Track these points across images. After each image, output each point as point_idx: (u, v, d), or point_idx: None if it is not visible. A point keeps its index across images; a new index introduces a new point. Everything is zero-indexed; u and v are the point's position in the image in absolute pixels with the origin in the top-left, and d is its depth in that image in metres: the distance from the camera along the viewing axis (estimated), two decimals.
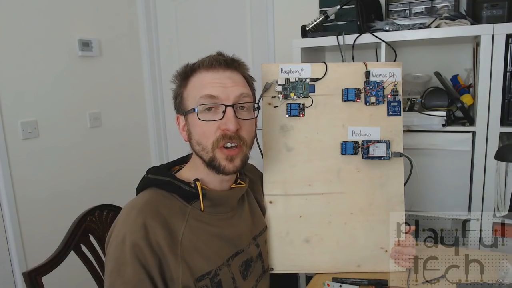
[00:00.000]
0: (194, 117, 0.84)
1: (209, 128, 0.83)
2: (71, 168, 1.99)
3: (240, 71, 0.88)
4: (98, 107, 2.12)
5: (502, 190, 1.06)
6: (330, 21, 1.59)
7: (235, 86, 0.84)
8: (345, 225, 1.02)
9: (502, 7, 1.35)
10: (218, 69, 0.84)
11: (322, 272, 1.03)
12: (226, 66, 0.85)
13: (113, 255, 0.76)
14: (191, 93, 0.85)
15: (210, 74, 0.84)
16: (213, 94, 0.82)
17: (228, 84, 0.84)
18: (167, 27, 2.39)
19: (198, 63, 0.86)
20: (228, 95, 0.83)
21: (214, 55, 0.87)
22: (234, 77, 0.86)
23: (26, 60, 1.77)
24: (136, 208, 0.79)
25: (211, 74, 0.84)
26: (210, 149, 0.83)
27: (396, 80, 1.02)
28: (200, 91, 0.83)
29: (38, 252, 1.77)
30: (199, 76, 0.85)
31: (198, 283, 0.80)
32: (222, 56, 0.87)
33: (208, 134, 0.83)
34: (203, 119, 0.82)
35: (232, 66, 0.86)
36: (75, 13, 1.98)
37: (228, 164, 0.83)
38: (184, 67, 0.88)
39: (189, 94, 0.86)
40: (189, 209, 0.84)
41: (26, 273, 0.89)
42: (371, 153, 1.00)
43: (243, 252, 0.91)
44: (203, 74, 0.85)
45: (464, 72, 1.62)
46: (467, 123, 1.41)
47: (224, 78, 0.84)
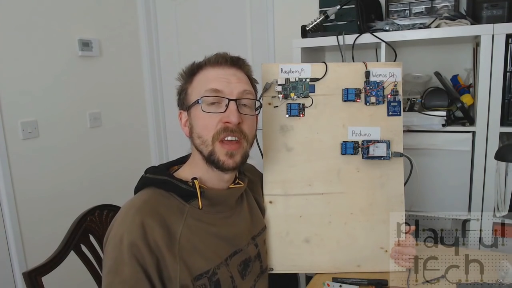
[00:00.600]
0: (197, 110, 0.85)
1: (211, 121, 0.83)
2: (71, 168, 1.99)
3: (244, 70, 0.90)
4: (98, 107, 2.12)
5: (502, 190, 1.06)
6: (330, 21, 1.59)
7: (239, 82, 0.86)
8: (345, 225, 1.02)
9: (502, 7, 1.35)
10: (224, 66, 0.87)
11: (322, 272, 1.02)
12: (232, 64, 0.88)
13: (111, 254, 0.76)
14: (196, 88, 0.87)
15: (216, 70, 0.86)
16: (218, 88, 0.84)
17: (233, 80, 0.86)
18: (167, 27, 2.39)
19: (205, 60, 0.89)
20: (232, 90, 0.84)
21: (220, 53, 0.89)
22: (239, 74, 0.88)
23: (26, 60, 1.77)
24: (134, 208, 0.79)
25: (217, 70, 0.86)
26: (210, 142, 0.83)
27: (396, 80, 1.02)
28: (205, 85, 0.85)
29: (38, 252, 1.76)
30: (205, 73, 0.87)
31: (196, 282, 0.80)
32: (228, 54, 0.89)
33: (209, 126, 0.83)
34: (206, 110, 0.83)
35: (237, 64, 0.89)
36: (75, 13, 1.98)
37: (228, 159, 0.83)
38: (190, 65, 0.90)
39: (194, 90, 0.87)
40: (187, 208, 0.84)
41: (26, 273, 0.89)
42: (371, 153, 1.00)
43: (241, 252, 0.91)
44: (208, 70, 0.87)
45: (464, 72, 1.62)
46: (467, 123, 1.41)
47: (229, 75, 0.86)
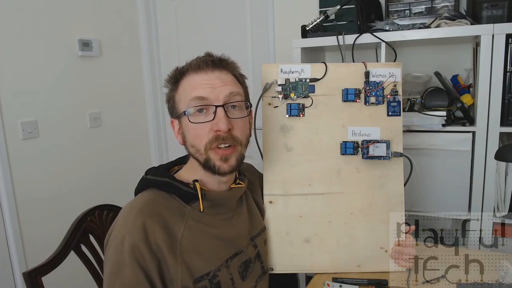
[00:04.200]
0: (186, 120, 0.84)
1: (202, 130, 0.82)
2: (71, 168, 1.99)
3: (229, 69, 0.88)
4: (98, 107, 2.12)
5: (502, 190, 1.06)
6: (330, 21, 1.59)
7: (224, 85, 0.84)
8: (345, 225, 1.02)
9: (502, 7, 1.35)
10: (206, 70, 0.84)
11: (322, 272, 1.02)
12: (214, 66, 0.85)
13: (112, 256, 0.76)
14: (182, 96, 0.85)
15: (199, 76, 0.84)
16: (202, 95, 0.82)
17: (217, 84, 0.83)
18: (167, 27, 2.39)
19: (187, 66, 0.86)
20: (218, 95, 0.82)
21: (202, 56, 0.87)
22: (223, 76, 0.85)
23: (26, 60, 1.77)
24: (135, 209, 0.79)
25: (200, 76, 0.84)
26: (203, 151, 0.83)
27: (396, 80, 1.02)
28: (190, 93, 0.83)
29: (38, 252, 1.76)
30: (189, 79, 0.85)
31: (197, 284, 0.80)
32: (209, 56, 0.87)
33: (201, 136, 0.83)
34: (194, 121, 0.82)
35: (220, 65, 0.86)
36: (75, 13, 1.98)
37: (223, 164, 0.83)
38: (173, 71, 0.88)
39: (181, 98, 0.85)
40: (188, 210, 0.84)
41: (26, 273, 0.89)
42: (371, 153, 1.00)
43: (242, 253, 0.91)
44: (192, 76, 0.85)
45: (464, 72, 1.62)
46: (467, 123, 1.41)
47: (213, 79, 0.83)
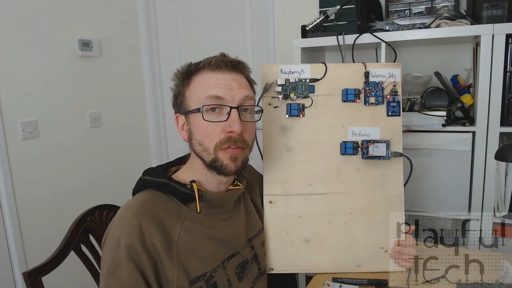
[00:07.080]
0: (197, 117, 0.83)
1: (213, 130, 0.82)
2: (71, 168, 1.99)
3: (244, 74, 0.88)
4: (98, 107, 2.12)
5: (502, 190, 1.06)
6: (330, 21, 1.59)
7: (240, 88, 0.84)
8: (345, 225, 1.02)
9: (502, 7, 1.35)
10: (224, 70, 0.84)
11: (322, 272, 1.03)
12: (232, 68, 0.85)
13: (108, 256, 0.76)
14: (195, 92, 0.84)
15: (216, 75, 0.83)
16: (219, 95, 0.81)
17: (234, 86, 0.83)
18: (167, 27, 2.39)
19: (204, 62, 0.85)
20: (234, 97, 0.82)
21: (220, 56, 0.87)
22: (239, 79, 0.86)
23: (26, 60, 1.77)
24: (132, 210, 0.79)
25: (217, 75, 0.83)
26: (212, 151, 0.82)
27: (396, 80, 1.02)
28: (205, 91, 0.82)
29: (38, 252, 1.77)
30: (204, 76, 0.84)
31: (193, 285, 0.80)
32: (227, 57, 0.87)
33: (212, 135, 0.82)
34: (208, 119, 0.82)
35: (238, 68, 0.86)
36: (75, 13, 1.98)
37: (231, 163, 0.83)
38: (187, 66, 0.87)
39: (192, 94, 0.85)
40: (185, 210, 0.84)
41: (26, 273, 0.89)
42: (370, 153, 1.00)
43: (238, 254, 0.91)
44: (208, 74, 0.84)
45: (464, 72, 1.62)
46: (467, 123, 1.41)
47: (230, 80, 0.84)
